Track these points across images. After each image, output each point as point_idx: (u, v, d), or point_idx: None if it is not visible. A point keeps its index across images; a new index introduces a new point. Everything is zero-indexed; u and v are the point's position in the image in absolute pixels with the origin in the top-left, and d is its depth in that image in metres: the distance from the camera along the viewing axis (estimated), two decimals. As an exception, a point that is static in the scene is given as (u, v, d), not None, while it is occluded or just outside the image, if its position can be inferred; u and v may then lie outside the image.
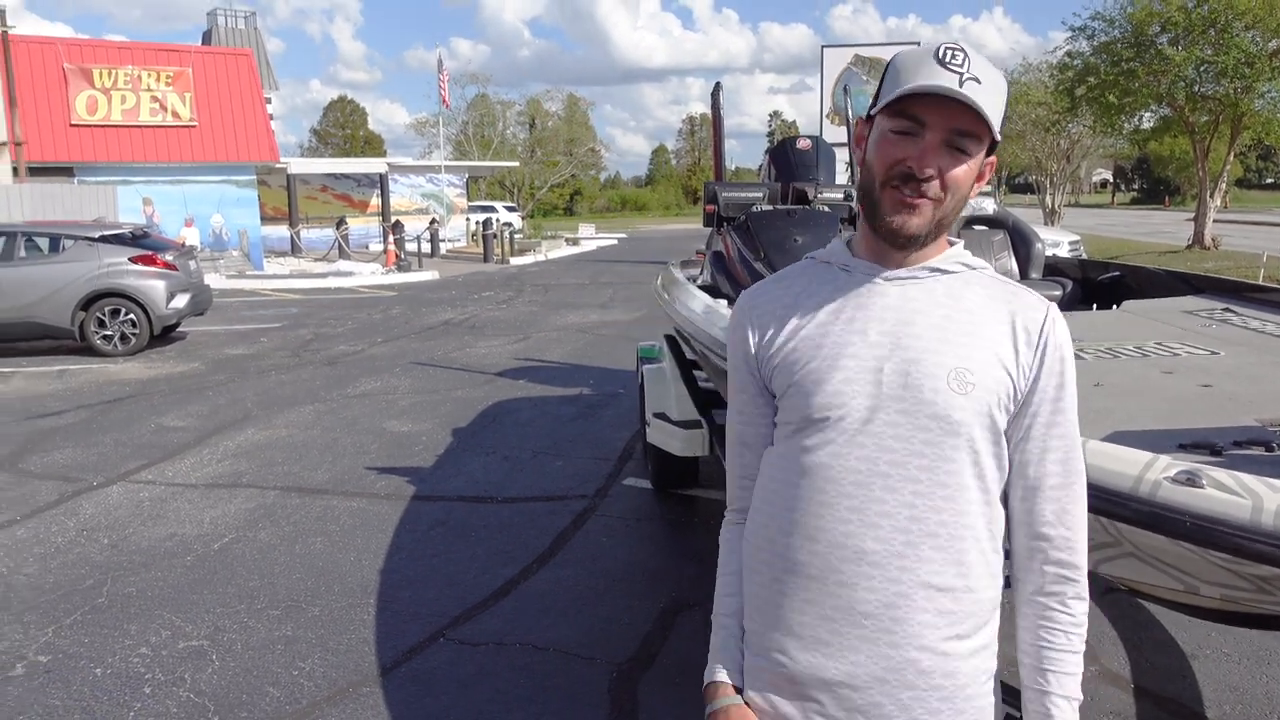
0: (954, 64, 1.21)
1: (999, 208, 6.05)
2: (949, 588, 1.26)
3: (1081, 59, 22.25)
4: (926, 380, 1.25)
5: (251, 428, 7.68)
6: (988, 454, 1.28)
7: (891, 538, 1.25)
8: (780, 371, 1.34)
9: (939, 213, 1.26)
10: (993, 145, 1.27)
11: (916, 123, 1.23)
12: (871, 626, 1.26)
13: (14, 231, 11.70)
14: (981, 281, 1.33)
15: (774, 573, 1.33)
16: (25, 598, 4.40)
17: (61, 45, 21.96)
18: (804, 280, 1.39)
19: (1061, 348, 1.30)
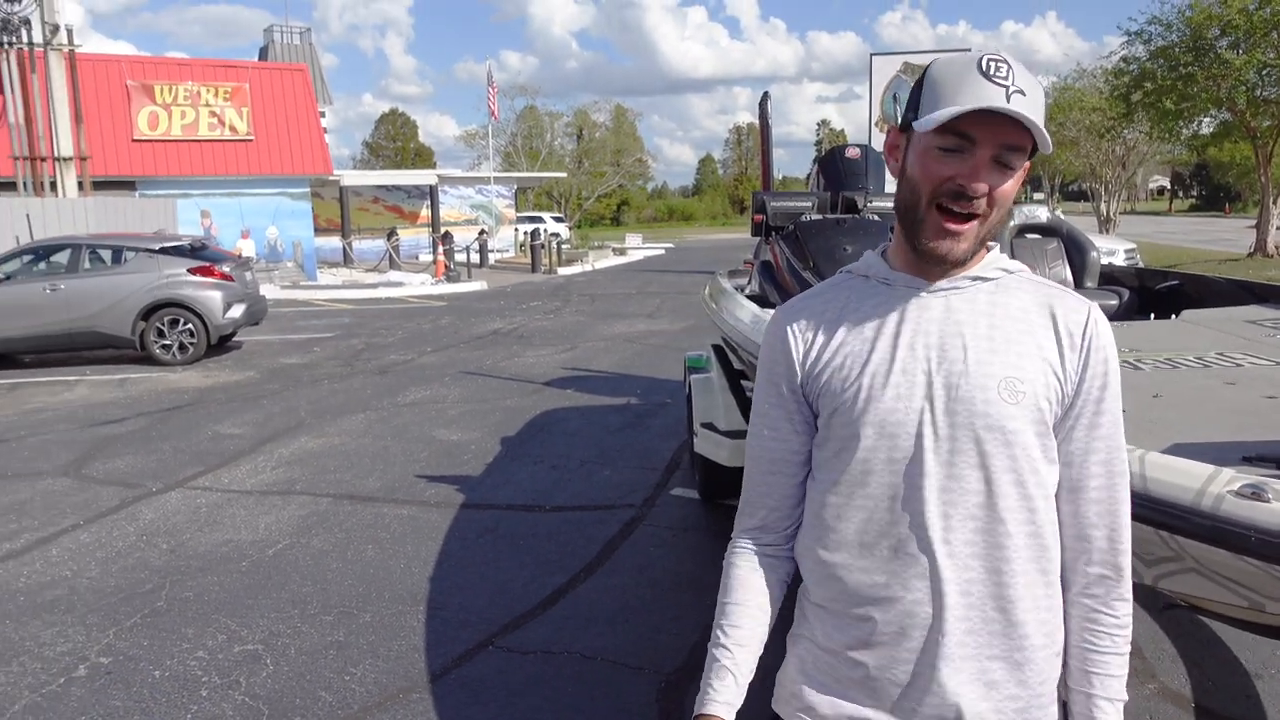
0: (999, 77, 1.19)
1: (1052, 215, 5.94)
2: (1019, 598, 1.26)
3: (1138, 64, 21.83)
4: (978, 392, 1.24)
5: (304, 435, 7.82)
6: (1044, 460, 1.27)
7: (960, 551, 1.25)
8: (827, 390, 1.32)
9: (984, 229, 1.25)
10: (1033, 151, 1.26)
11: (967, 139, 1.21)
12: (948, 643, 1.26)
13: (79, 244, 12.06)
14: (1022, 286, 1.32)
15: (846, 595, 1.32)
16: (88, 600, 4.52)
17: (125, 63, 22.64)
18: (844, 295, 1.37)
19: (1105, 349, 1.28)
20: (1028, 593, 1.26)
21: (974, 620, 1.25)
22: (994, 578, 1.25)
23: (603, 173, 58.19)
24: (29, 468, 7.02)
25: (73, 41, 19.34)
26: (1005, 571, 1.25)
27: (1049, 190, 43.33)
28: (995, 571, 1.25)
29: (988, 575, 1.25)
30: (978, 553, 1.25)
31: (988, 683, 1.27)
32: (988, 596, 1.25)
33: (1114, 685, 1.30)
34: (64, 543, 5.35)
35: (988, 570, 1.25)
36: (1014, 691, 1.28)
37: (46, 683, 3.70)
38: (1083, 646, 1.30)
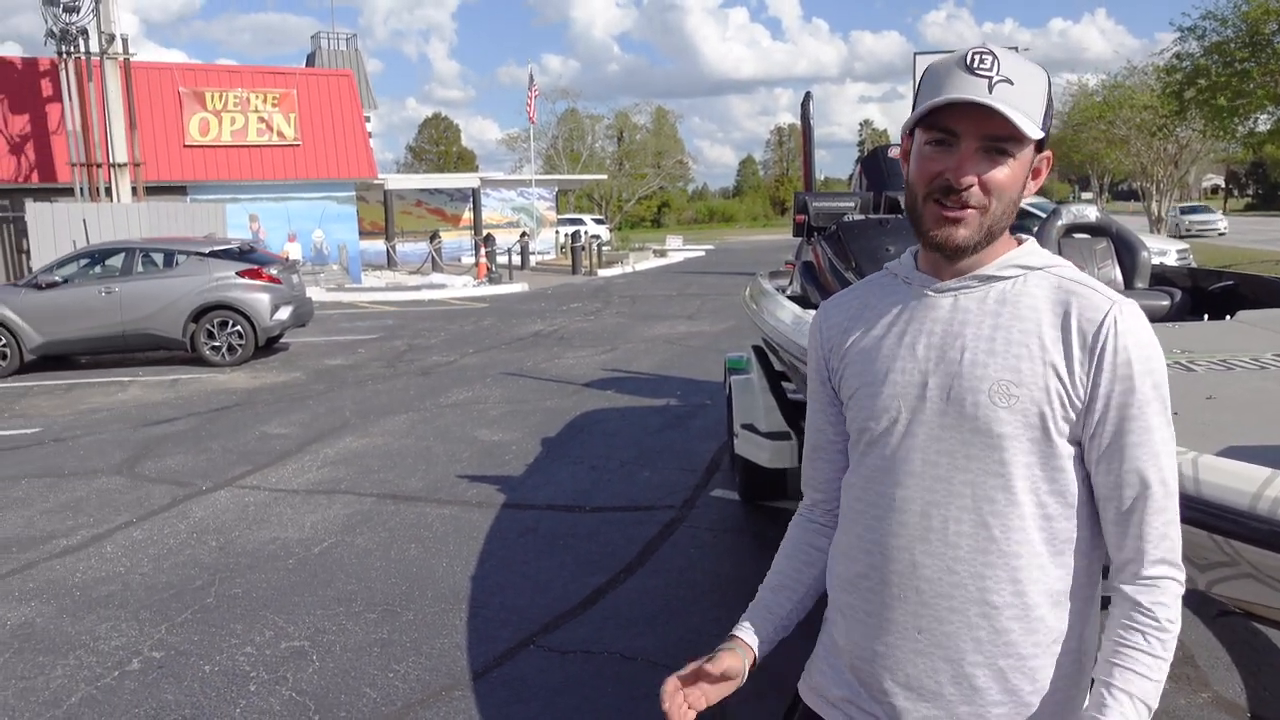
0: (982, 69, 1.20)
1: (1102, 214, 5.84)
2: (1004, 605, 1.23)
3: (1191, 60, 21.36)
4: (968, 394, 1.23)
5: (349, 436, 7.92)
6: (1041, 466, 1.23)
7: (942, 552, 1.25)
8: (844, 383, 1.38)
9: (987, 220, 1.24)
10: (1042, 141, 1.24)
11: (950, 134, 1.22)
12: (925, 642, 1.27)
13: (133, 248, 12.35)
14: (1042, 284, 1.27)
15: (842, 586, 1.37)
16: (140, 596, 4.62)
17: (177, 70, 23.13)
18: (871, 292, 1.41)
19: (1127, 349, 1.21)
20: (1016, 600, 1.23)
21: (954, 624, 1.24)
22: (977, 582, 1.23)
23: (643, 175, 58.27)
24: (84, 466, 7.20)
25: (128, 50, 19.83)
26: (989, 578, 1.23)
27: (1098, 190, 42.58)
28: (979, 577, 1.23)
29: (970, 579, 1.24)
30: (960, 556, 1.24)
31: (971, 687, 1.25)
32: (969, 601, 1.24)
33: (1136, 681, 1.20)
34: (118, 539, 5.47)
35: (971, 575, 1.24)
36: (998, 698, 1.25)
37: (101, 675, 3.79)
38: (1114, 640, 1.23)
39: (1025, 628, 1.24)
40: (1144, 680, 1.20)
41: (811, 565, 1.48)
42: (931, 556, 1.25)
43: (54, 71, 20.00)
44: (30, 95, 20.85)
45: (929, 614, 1.26)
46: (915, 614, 1.27)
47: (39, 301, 11.71)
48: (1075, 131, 32.38)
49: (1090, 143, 31.06)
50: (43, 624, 4.33)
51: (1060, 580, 1.25)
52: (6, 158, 20.43)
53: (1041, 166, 1.28)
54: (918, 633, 1.26)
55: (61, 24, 18.75)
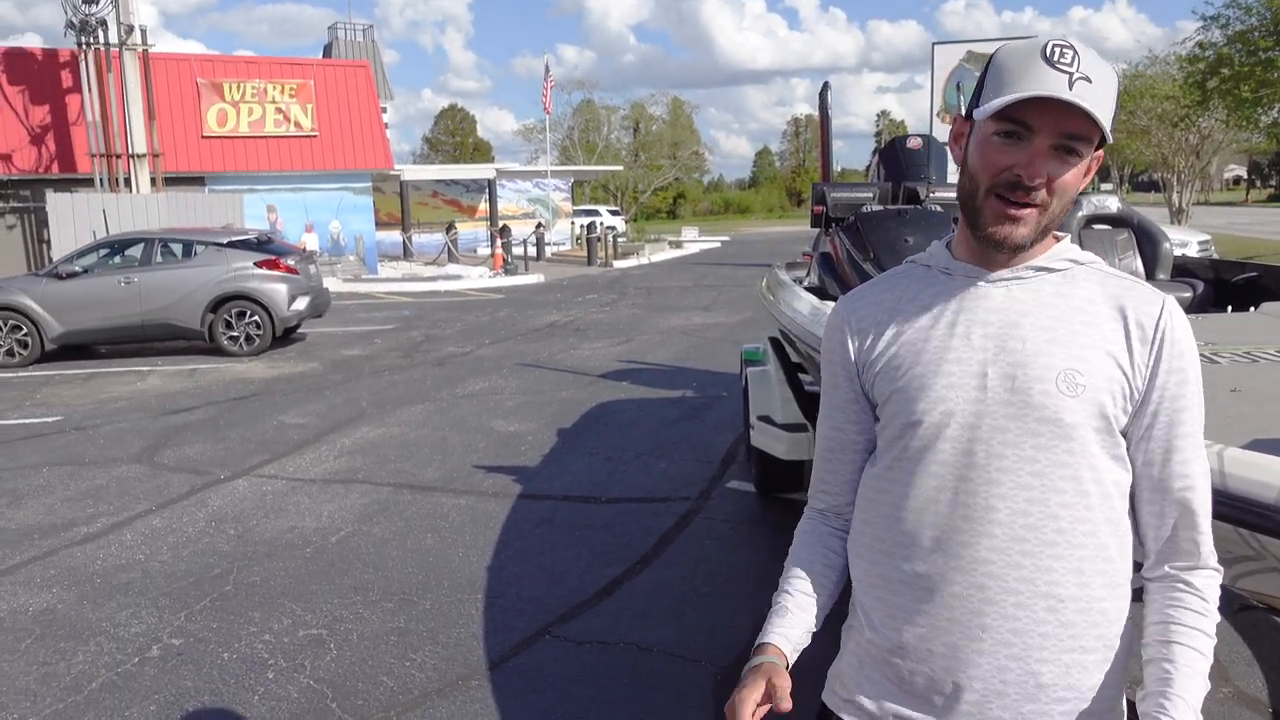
0: (1063, 63, 1.15)
1: (1123, 205, 5.78)
2: (1070, 598, 1.22)
3: (1214, 49, 21.10)
4: (1035, 384, 1.21)
5: (366, 426, 7.95)
6: (1105, 456, 1.22)
7: (1007, 547, 1.21)
8: (882, 378, 1.32)
9: (1045, 218, 1.22)
10: (1102, 140, 1.21)
11: (1025, 127, 1.18)
12: (990, 640, 1.23)
13: (151, 238, 12.43)
14: (1091, 277, 1.27)
15: (889, 587, 1.31)
16: (159, 584, 4.66)
17: (195, 61, 23.22)
18: (905, 284, 1.36)
19: (1180, 342, 1.22)
20: (1081, 593, 1.22)
21: (1021, 619, 1.22)
22: (1045, 576, 1.21)
23: (659, 166, 58.16)
24: (104, 455, 7.26)
25: (146, 41, 19.92)
26: (1057, 570, 1.21)
27: (1118, 180, 42.20)
28: (1046, 570, 1.21)
29: (1037, 573, 1.21)
30: (1027, 550, 1.21)
31: (1036, 684, 1.23)
32: (1036, 595, 1.21)
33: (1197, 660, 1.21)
34: (137, 527, 5.52)
35: (1038, 568, 1.21)
36: (1063, 694, 1.24)
37: (122, 662, 3.83)
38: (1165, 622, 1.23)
39: (1089, 620, 1.23)
40: (1203, 659, 1.21)
41: (832, 569, 1.43)
42: (997, 552, 1.22)
43: (74, 63, 20.13)
44: (50, 86, 20.98)
45: (994, 611, 1.22)
46: (979, 611, 1.22)
47: (60, 291, 11.81)
48: (1095, 122, 32.04)
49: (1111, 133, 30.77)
50: (64, 610, 4.37)
51: (1121, 573, 1.25)
52: (27, 148, 20.58)
53: (1094, 163, 1.25)
54: (981, 631, 1.22)
55: (81, 15, 18.86)
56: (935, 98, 23.10)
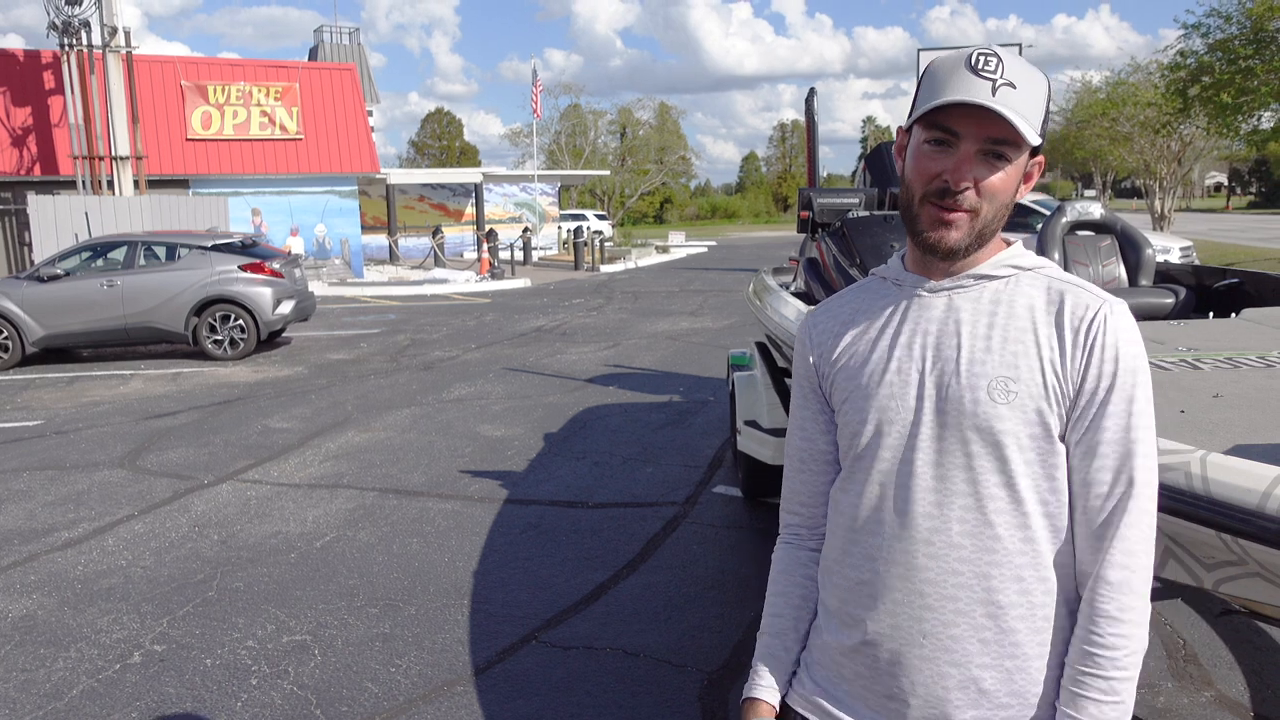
0: (987, 70, 1.19)
1: (1106, 212, 5.82)
2: (1010, 604, 1.23)
3: (1195, 57, 21.30)
4: (967, 391, 1.23)
5: (351, 430, 7.92)
6: (1040, 463, 1.22)
7: (945, 554, 1.23)
8: (836, 386, 1.36)
9: (978, 223, 1.24)
10: (1038, 149, 1.24)
11: (951, 134, 1.21)
12: (931, 646, 1.25)
13: (135, 241, 12.34)
14: (1036, 283, 1.28)
15: (841, 592, 1.34)
16: (142, 589, 4.62)
17: (179, 64, 23.10)
18: (862, 296, 1.40)
19: (1115, 346, 1.21)
20: (1021, 599, 1.22)
21: (960, 626, 1.23)
22: (982, 583, 1.22)
23: (646, 170, 58.22)
24: (86, 459, 7.20)
25: (130, 43, 19.81)
26: (994, 577, 1.22)
27: (1101, 187, 42.49)
28: (984, 576, 1.22)
29: (976, 580, 1.22)
30: (965, 557, 1.22)
31: (978, 690, 1.24)
32: (975, 602, 1.23)
33: (1090, 709, 1.19)
34: (120, 532, 5.47)
35: (976, 575, 1.22)
36: (1005, 701, 1.24)
37: (103, 669, 3.79)
38: (1071, 663, 1.23)
39: (1030, 627, 1.23)
40: (1097, 705, 1.19)
41: (809, 600, 1.44)
42: (935, 559, 1.23)
43: (56, 64, 20.01)
44: (32, 88, 20.83)
45: (934, 618, 1.24)
46: (919, 618, 1.24)
47: (41, 294, 11.71)
48: (1079, 129, 32.31)
49: (1093, 140, 31.00)
50: (44, 616, 4.33)
51: (1063, 578, 1.25)
52: (9, 150, 20.42)
53: (1034, 171, 1.28)
54: (923, 638, 1.24)
55: (64, 16, 18.74)
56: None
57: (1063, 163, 49.44)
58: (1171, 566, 2.12)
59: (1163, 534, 2.08)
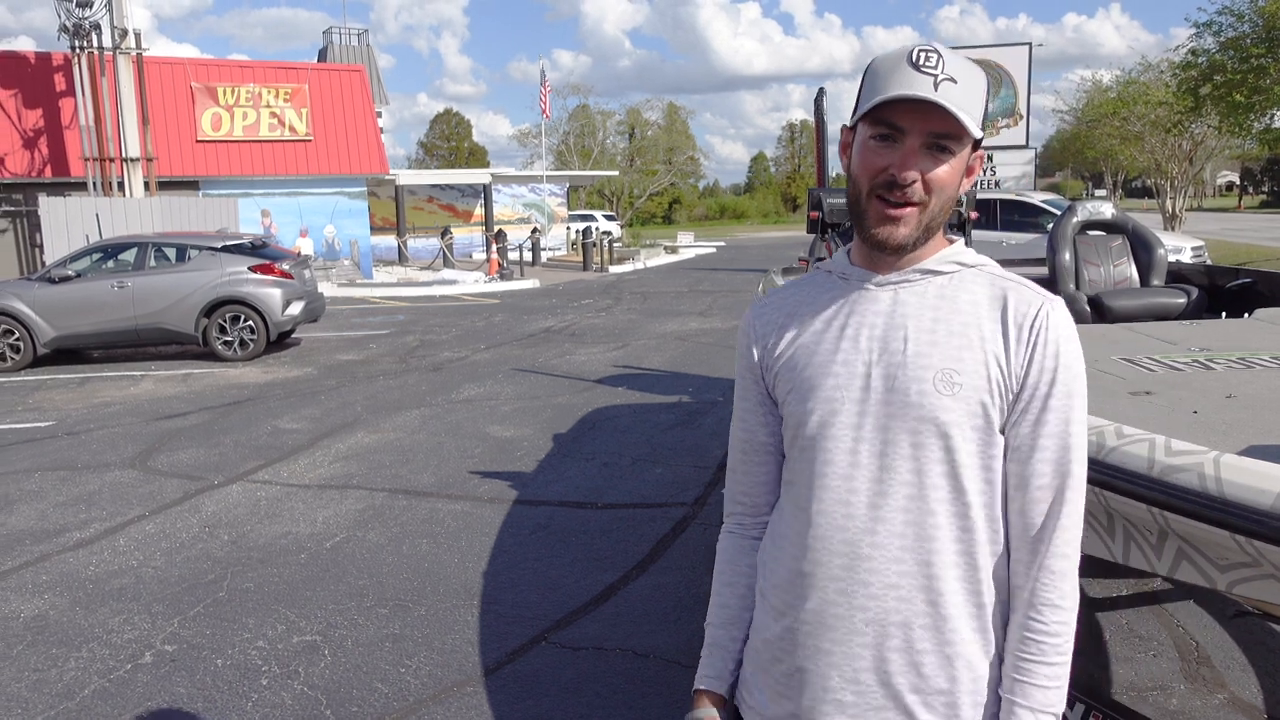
0: (927, 66, 1.22)
1: (1118, 212, 5.79)
2: (950, 592, 1.26)
3: (1206, 56, 21.19)
4: (913, 383, 1.25)
5: (361, 431, 7.93)
6: (982, 454, 1.26)
7: (888, 543, 1.26)
8: (780, 379, 1.37)
9: (925, 216, 1.27)
10: (978, 141, 1.28)
11: (895, 129, 1.24)
12: (874, 633, 1.27)
13: (145, 242, 12.39)
14: (979, 279, 1.32)
15: (784, 584, 1.35)
16: (153, 590, 4.63)
17: (189, 65, 23.19)
18: (807, 290, 1.42)
19: (1057, 343, 1.26)
20: (960, 586, 1.26)
21: (903, 613, 1.26)
22: (924, 570, 1.25)
23: (654, 171, 58.23)
24: (98, 460, 7.23)
25: (140, 45, 19.89)
26: (936, 564, 1.25)
27: (1111, 186, 42.33)
28: (925, 564, 1.25)
29: (918, 568, 1.25)
30: (908, 545, 1.25)
31: (919, 675, 1.27)
32: (917, 589, 1.25)
33: (1035, 694, 1.25)
34: (131, 533, 5.49)
35: (918, 563, 1.25)
36: (944, 685, 1.27)
37: (115, 668, 3.81)
38: (1012, 652, 1.28)
39: (971, 614, 1.27)
40: (1042, 692, 1.25)
41: (754, 589, 1.46)
42: (878, 548, 1.26)
43: (67, 66, 20.10)
44: (44, 90, 20.94)
45: (877, 606, 1.26)
46: (863, 607, 1.27)
47: (52, 295, 11.77)
48: (1089, 128, 32.17)
49: (1104, 139, 30.87)
50: (56, 616, 4.35)
51: (1001, 567, 1.28)
52: (20, 152, 20.54)
53: (975, 165, 1.31)
54: (865, 625, 1.27)
55: (75, 19, 18.82)
56: (930, 103, 23.14)
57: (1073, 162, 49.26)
58: (1185, 568, 2.11)
59: (1175, 535, 2.07)
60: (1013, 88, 23.11)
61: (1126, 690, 3.39)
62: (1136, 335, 4.11)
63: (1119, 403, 2.76)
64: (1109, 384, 3.07)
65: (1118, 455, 2.09)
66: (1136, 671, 3.52)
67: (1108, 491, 2.12)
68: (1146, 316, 4.98)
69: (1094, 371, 3.32)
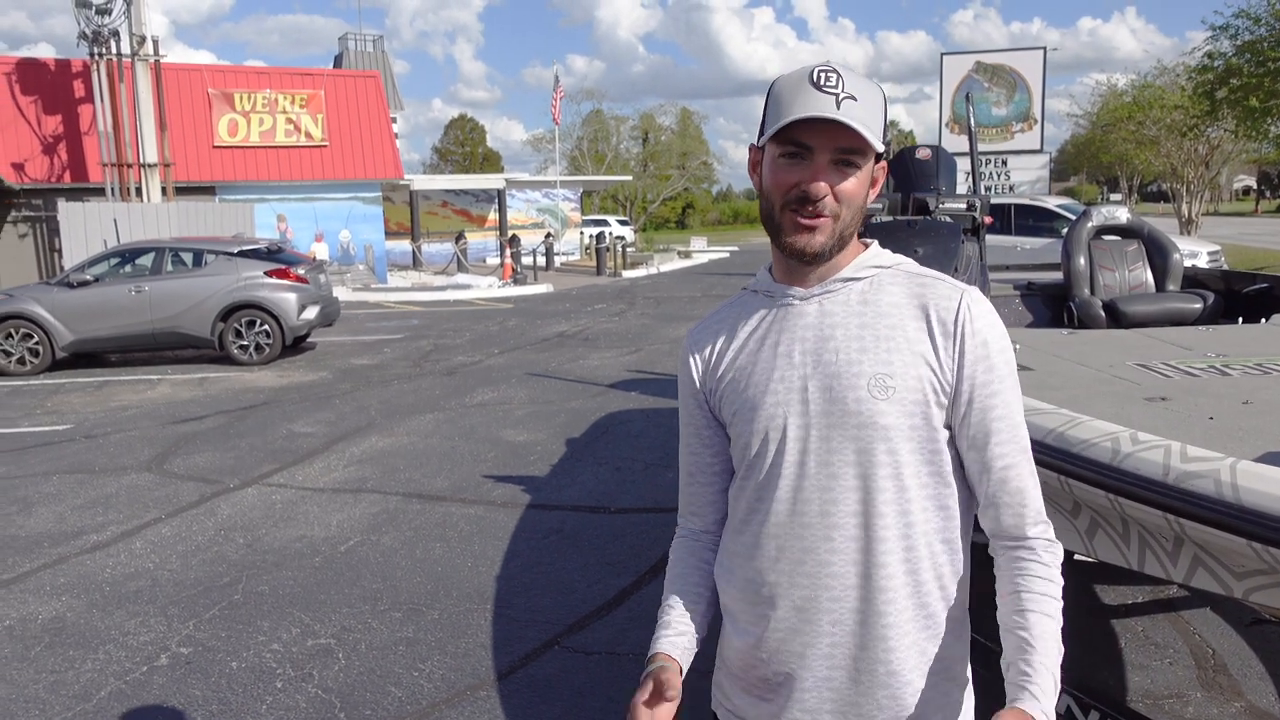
0: (829, 86, 1.26)
1: (1133, 216, 5.77)
2: (904, 587, 1.30)
3: (1223, 59, 21.06)
4: (849, 391, 1.30)
5: (375, 435, 7.97)
6: (924, 451, 1.31)
7: (844, 548, 1.30)
8: (725, 401, 1.41)
9: (839, 226, 1.31)
10: (880, 154, 1.32)
11: (803, 147, 1.28)
12: (840, 633, 1.32)
13: (162, 247, 12.49)
14: (897, 280, 1.36)
15: (745, 595, 1.39)
16: (169, 592, 4.67)
17: (206, 72, 23.36)
18: (738, 311, 1.45)
19: (981, 332, 1.31)
20: (913, 580, 1.31)
21: (863, 613, 1.31)
22: (881, 570, 1.30)
23: (668, 176, 58.24)
24: (114, 463, 7.28)
25: (158, 52, 20.05)
26: (890, 564, 1.30)
27: (1127, 191, 42.09)
28: (881, 565, 1.30)
29: (874, 569, 1.30)
30: (863, 547, 1.30)
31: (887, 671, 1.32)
32: (875, 590, 1.30)
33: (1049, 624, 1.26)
34: (147, 535, 5.53)
35: (874, 564, 1.30)
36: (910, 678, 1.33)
37: (130, 670, 3.84)
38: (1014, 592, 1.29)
39: (926, 606, 1.32)
40: (1053, 621, 1.28)
41: (707, 583, 1.51)
42: (836, 554, 1.30)
43: (86, 73, 20.27)
44: (63, 97, 21.13)
45: (838, 607, 1.31)
46: (828, 610, 1.31)
47: (71, 300, 11.87)
48: (1104, 132, 32.02)
49: (1119, 144, 30.71)
50: (73, 619, 4.38)
51: (950, 562, 1.34)
52: (40, 158, 20.73)
53: (879, 176, 1.36)
54: (832, 626, 1.31)
55: (94, 26, 19.00)
56: (944, 108, 23.08)
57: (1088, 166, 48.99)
58: (1201, 575, 2.09)
59: (1191, 542, 2.06)
60: (1027, 92, 23.05)
61: (1142, 698, 3.37)
62: (1152, 340, 4.09)
63: (1134, 408, 2.75)
64: (1124, 389, 3.05)
65: (1133, 461, 2.09)
66: (1152, 679, 3.50)
67: (1123, 498, 2.11)
68: (1162, 321, 4.95)
69: (1109, 377, 3.30)
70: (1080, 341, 4.25)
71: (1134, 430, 2.20)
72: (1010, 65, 23.07)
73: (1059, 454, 2.28)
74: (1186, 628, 3.92)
